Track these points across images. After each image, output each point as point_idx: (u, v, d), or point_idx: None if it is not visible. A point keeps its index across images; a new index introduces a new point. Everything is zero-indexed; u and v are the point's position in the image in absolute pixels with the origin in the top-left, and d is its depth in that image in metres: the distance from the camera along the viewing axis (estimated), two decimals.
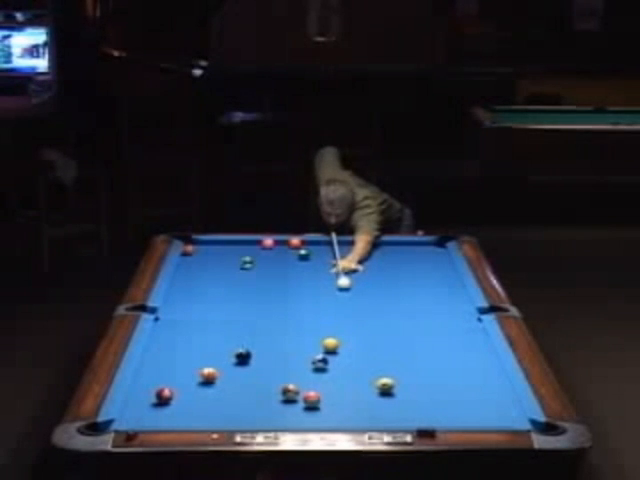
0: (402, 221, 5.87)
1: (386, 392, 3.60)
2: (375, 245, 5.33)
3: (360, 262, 5.11)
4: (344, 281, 4.79)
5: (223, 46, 10.18)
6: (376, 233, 5.36)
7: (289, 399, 3.50)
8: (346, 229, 5.40)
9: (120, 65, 9.96)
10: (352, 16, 10.23)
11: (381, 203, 5.58)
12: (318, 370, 3.78)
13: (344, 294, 4.74)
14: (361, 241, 5.25)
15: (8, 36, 8.82)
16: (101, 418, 3.34)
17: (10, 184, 7.57)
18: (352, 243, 5.25)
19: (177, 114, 8.76)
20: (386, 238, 5.49)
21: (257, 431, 3.23)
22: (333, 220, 5.40)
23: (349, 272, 4.96)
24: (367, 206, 5.45)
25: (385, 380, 3.62)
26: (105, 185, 7.58)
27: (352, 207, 5.43)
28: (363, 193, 5.52)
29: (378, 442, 3.21)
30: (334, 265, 5.02)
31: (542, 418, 3.37)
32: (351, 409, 3.51)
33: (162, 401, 3.49)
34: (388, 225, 5.60)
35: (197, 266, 5.14)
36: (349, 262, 5.05)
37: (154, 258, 5.12)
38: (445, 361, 3.95)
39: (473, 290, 4.69)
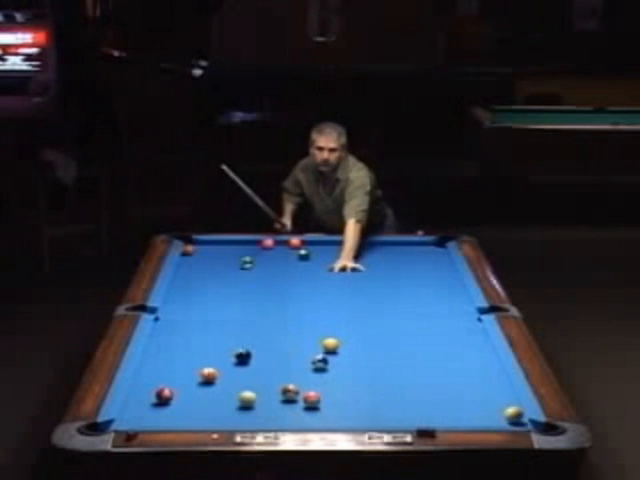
0: (385, 221, 5.77)
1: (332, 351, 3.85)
2: (375, 245, 5.32)
3: (355, 256, 5.08)
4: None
5: (223, 46, 10.19)
6: (364, 216, 5.25)
7: (289, 399, 3.50)
8: (334, 221, 5.36)
9: (120, 65, 9.97)
10: (352, 16, 10.24)
11: (371, 176, 5.46)
12: (318, 370, 3.78)
13: (344, 294, 4.74)
14: (351, 230, 5.17)
15: (8, 36, 8.83)
16: (101, 418, 3.34)
17: (10, 184, 7.56)
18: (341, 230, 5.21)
19: (177, 114, 8.76)
20: (386, 238, 5.50)
21: (257, 431, 3.23)
22: (326, 156, 5.30)
23: (351, 270, 4.98)
24: (360, 170, 5.37)
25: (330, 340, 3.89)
26: (105, 185, 7.58)
27: (346, 154, 5.36)
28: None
29: (378, 442, 3.20)
30: (330, 269, 5.01)
31: (542, 418, 3.37)
32: (351, 409, 3.51)
33: (162, 401, 3.49)
34: (373, 217, 5.47)
35: (197, 266, 5.14)
36: (347, 261, 5.04)
37: (154, 258, 5.12)
38: (445, 361, 3.95)
39: (473, 290, 4.69)
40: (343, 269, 5.02)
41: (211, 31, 10.30)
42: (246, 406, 3.47)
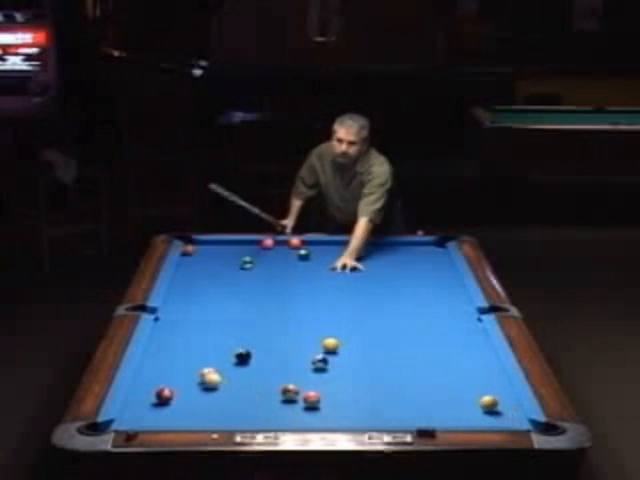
0: (394, 212, 5.71)
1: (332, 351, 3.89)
2: (375, 245, 5.33)
3: (358, 257, 5.08)
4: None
5: (223, 46, 10.20)
6: (378, 215, 5.24)
7: (289, 399, 3.50)
8: (347, 216, 5.36)
9: (120, 65, 9.97)
10: (352, 16, 10.24)
11: (392, 172, 5.42)
12: (318, 370, 3.78)
13: (344, 294, 4.74)
14: (360, 229, 5.17)
15: (8, 36, 8.83)
16: (101, 418, 3.34)
17: (10, 184, 7.56)
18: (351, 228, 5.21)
19: (177, 114, 8.76)
20: (387, 238, 5.49)
21: (257, 431, 3.23)
22: (344, 148, 5.25)
23: (351, 269, 4.99)
24: (382, 164, 5.34)
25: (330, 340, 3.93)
26: (105, 185, 7.58)
27: (368, 147, 5.32)
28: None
29: (378, 442, 3.21)
30: (333, 268, 5.01)
31: (542, 418, 3.37)
32: (351, 409, 3.51)
33: (162, 401, 3.49)
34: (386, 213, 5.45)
35: (197, 266, 5.14)
36: (349, 259, 5.04)
37: (154, 258, 5.12)
38: (445, 361, 3.95)
39: (473, 290, 4.69)
40: (343, 267, 5.02)
41: (211, 31, 10.30)
42: (211, 387, 3.59)
